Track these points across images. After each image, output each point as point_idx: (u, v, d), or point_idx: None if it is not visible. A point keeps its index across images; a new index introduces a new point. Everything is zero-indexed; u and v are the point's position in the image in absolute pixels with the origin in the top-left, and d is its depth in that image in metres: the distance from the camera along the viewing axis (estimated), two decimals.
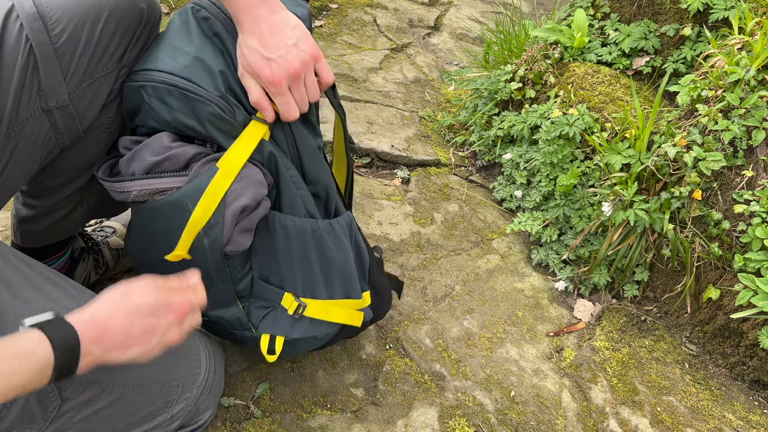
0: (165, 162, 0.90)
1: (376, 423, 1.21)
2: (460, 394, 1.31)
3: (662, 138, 1.56)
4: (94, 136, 0.98)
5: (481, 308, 1.55)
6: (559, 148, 1.72)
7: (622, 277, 1.63)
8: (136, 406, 0.87)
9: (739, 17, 1.67)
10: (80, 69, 0.87)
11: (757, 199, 1.45)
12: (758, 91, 1.50)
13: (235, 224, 0.94)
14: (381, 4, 3.16)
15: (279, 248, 1.02)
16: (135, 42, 0.93)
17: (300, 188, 1.01)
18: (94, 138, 0.99)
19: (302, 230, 1.01)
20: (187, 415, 0.95)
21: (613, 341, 1.52)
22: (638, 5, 1.93)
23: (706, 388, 1.43)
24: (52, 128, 0.89)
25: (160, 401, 0.90)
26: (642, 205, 1.53)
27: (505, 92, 2.01)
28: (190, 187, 0.89)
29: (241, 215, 0.94)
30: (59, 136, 0.91)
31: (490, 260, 1.71)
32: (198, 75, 0.89)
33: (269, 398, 1.21)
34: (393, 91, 2.42)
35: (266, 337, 1.05)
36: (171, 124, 0.91)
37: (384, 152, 2.02)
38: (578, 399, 1.36)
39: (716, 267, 1.50)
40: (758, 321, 1.38)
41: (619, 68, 1.90)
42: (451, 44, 2.93)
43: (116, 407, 0.84)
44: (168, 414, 0.92)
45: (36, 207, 1.08)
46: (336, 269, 1.07)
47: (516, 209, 1.90)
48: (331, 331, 1.12)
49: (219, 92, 0.89)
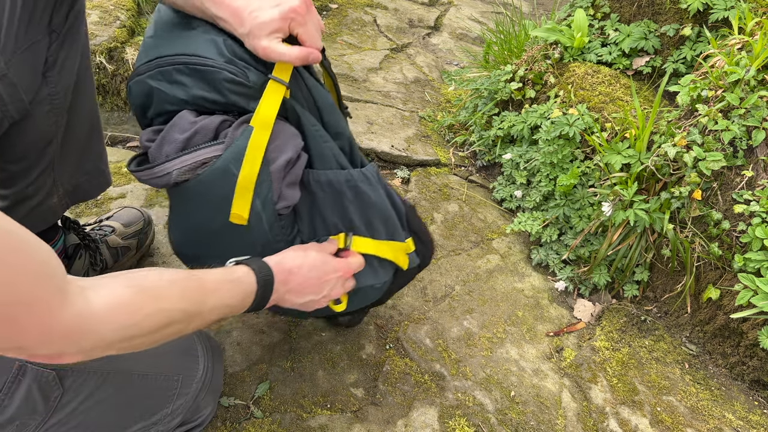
0: (195, 136, 0.91)
1: (376, 423, 1.21)
2: (460, 394, 1.31)
3: (662, 138, 1.56)
4: (43, 110, 0.98)
5: (481, 308, 1.55)
6: (559, 148, 1.72)
7: (622, 277, 1.63)
8: (136, 398, 0.88)
9: (739, 17, 1.67)
10: (10, 36, 0.87)
11: (757, 199, 1.45)
12: (758, 91, 1.50)
13: (282, 179, 0.94)
14: (381, 4, 3.16)
15: (319, 204, 1.02)
16: (60, 5, 0.94)
17: (327, 142, 1.01)
18: (43, 113, 0.99)
19: (338, 182, 1.02)
20: (188, 412, 0.96)
21: (613, 341, 1.52)
22: (638, 5, 1.93)
23: (706, 388, 1.43)
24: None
25: (159, 395, 0.91)
26: (642, 205, 1.53)
27: (505, 92, 2.01)
28: (230, 151, 0.89)
29: (286, 169, 0.94)
30: (5, 107, 0.91)
31: (490, 260, 1.71)
32: (200, 48, 0.89)
33: (269, 398, 1.21)
34: (393, 91, 2.42)
35: None
36: (189, 102, 0.92)
37: (384, 152, 2.02)
38: (578, 399, 1.36)
39: (716, 267, 1.50)
40: (758, 321, 1.38)
41: (619, 68, 1.91)
42: (451, 44, 2.93)
43: (117, 399, 0.85)
44: (168, 409, 0.92)
45: (8, 197, 1.08)
46: (377, 215, 1.08)
47: (516, 209, 1.90)
48: (387, 279, 1.12)
49: (225, 58, 0.89)
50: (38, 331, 0.56)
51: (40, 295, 0.55)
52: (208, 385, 0.99)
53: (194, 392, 0.96)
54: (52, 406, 0.78)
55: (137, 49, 2.06)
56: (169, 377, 0.92)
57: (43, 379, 0.76)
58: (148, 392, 0.90)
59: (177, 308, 0.72)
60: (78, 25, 1.01)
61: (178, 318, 0.72)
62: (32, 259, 0.54)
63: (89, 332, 0.61)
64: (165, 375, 0.92)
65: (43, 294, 0.55)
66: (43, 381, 0.77)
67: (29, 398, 0.76)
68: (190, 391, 0.95)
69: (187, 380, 0.95)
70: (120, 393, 0.85)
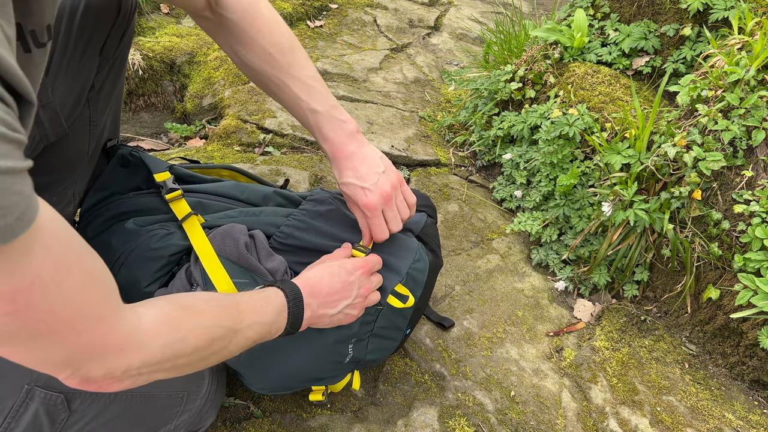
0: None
1: (376, 423, 1.21)
2: (460, 394, 1.31)
3: (662, 138, 1.56)
4: (80, 130, 0.99)
5: (481, 308, 1.55)
6: (559, 148, 1.72)
7: (622, 277, 1.63)
8: (141, 417, 0.88)
9: (739, 17, 1.67)
10: (62, 66, 0.87)
11: (757, 199, 1.45)
12: (758, 91, 1.50)
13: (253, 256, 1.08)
14: (381, 4, 3.16)
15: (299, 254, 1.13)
16: (113, 34, 0.94)
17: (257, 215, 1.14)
18: (80, 132, 0.99)
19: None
20: (190, 425, 0.96)
21: (613, 341, 1.52)
22: (638, 5, 1.93)
23: (706, 388, 1.43)
24: (36, 126, 0.89)
25: (165, 412, 0.91)
26: (642, 205, 1.53)
27: (505, 92, 2.01)
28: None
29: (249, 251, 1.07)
30: (44, 132, 0.91)
31: (490, 260, 1.71)
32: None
33: (269, 398, 1.21)
34: (393, 91, 2.42)
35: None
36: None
37: (384, 152, 2.01)
38: (578, 399, 1.36)
39: (716, 267, 1.50)
40: (758, 321, 1.38)
41: (619, 68, 1.91)
42: (451, 44, 2.93)
43: (122, 418, 0.84)
44: (171, 425, 0.92)
45: None
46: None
47: (516, 209, 1.90)
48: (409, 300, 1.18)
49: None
50: (98, 343, 0.57)
51: (104, 310, 0.57)
52: (211, 400, 0.99)
53: (198, 407, 0.95)
54: (58, 428, 0.78)
55: (137, 49, 2.06)
56: (174, 395, 0.91)
57: (50, 402, 0.75)
58: (153, 411, 0.89)
59: (217, 324, 0.73)
60: (127, 50, 1.02)
61: (220, 334, 0.73)
62: (98, 277, 0.57)
63: (141, 346, 0.61)
64: (171, 393, 0.91)
65: (105, 309, 0.57)
66: (50, 404, 0.76)
67: (36, 422, 0.76)
68: (194, 407, 0.95)
69: (192, 397, 0.94)
70: (126, 413, 0.84)
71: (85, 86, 0.93)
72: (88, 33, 0.89)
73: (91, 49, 0.91)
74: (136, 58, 2.03)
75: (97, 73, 0.95)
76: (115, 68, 1.00)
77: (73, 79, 0.91)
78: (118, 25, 0.94)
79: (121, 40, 0.97)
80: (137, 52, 2.05)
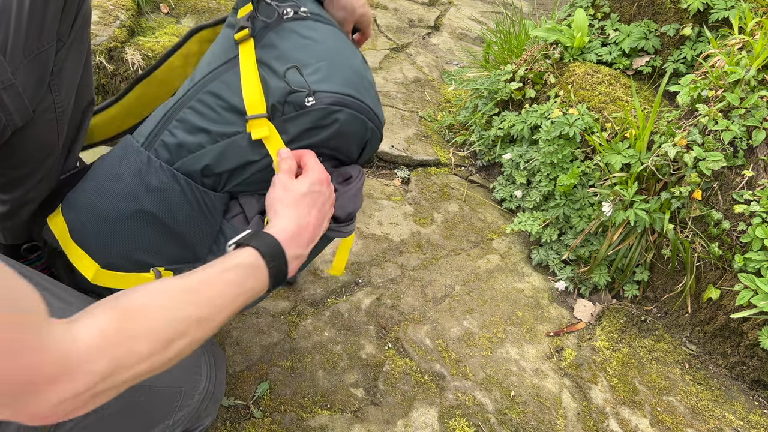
0: None
1: (376, 423, 1.21)
2: (460, 394, 1.31)
3: (662, 138, 1.56)
4: (46, 117, 0.99)
5: (481, 308, 1.55)
6: (559, 148, 1.72)
7: (622, 277, 1.63)
8: (139, 413, 0.87)
9: (739, 17, 1.67)
10: (18, 46, 0.87)
11: (757, 199, 1.45)
12: (758, 91, 1.50)
13: None
14: (381, 4, 3.15)
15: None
16: (67, 13, 0.94)
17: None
18: (46, 119, 0.99)
19: None
20: (189, 422, 0.96)
21: (613, 341, 1.52)
22: (638, 5, 1.93)
23: (706, 388, 1.43)
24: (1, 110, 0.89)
25: (162, 408, 0.90)
26: (642, 205, 1.53)
27: (505, 92, 2.01)
28: None
29: None
30: (9, 116, 0.91)
31: (490, 260, 1.71)
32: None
33: (269, 398, 1.21)
34: (393, 91, 2.42)
35: None
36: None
37: (384, 152, 2.02)
38: (578, 399, 1.36)
39: (716, 267, 1.50)
40: (758, 321, 1.38)
41: (619, 68, 1.90)
42: (451, 44, 2.93)
43: (120, 414, 0.84)
44: (170, 420, 0.92)
45: (7, 202, 1.08)
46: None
47: (516, 209, 1.90)
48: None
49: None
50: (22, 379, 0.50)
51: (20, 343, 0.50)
52: (210, 395, 0.99)
53: (196, 403, 0.95)
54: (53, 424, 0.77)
55: (137, 49, 2.06)
56: (172, 390, 0.91)
57: None
58: (151, 406, 0.89)
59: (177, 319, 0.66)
60: (83, 31, 1.02)
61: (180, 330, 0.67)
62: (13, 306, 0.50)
63: (77, 372, 0.54)
64: (168, 389, 0.90)
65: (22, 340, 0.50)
66: None
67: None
68: (192, 402, 0.94)
69: (190, 392, 0.94)
70: (123, 409, 0.84)
71: (45, 68, 0.94)
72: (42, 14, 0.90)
73: (48, 30, 0.92)
74: (136, 57, 2.02)
75: (55, 54, 0.95)
76: (72, 50, 0.99)
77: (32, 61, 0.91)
78: (70, 5, 0.94)
79: (76, 19, 0.97)
80: (137, 51, 2.04)
